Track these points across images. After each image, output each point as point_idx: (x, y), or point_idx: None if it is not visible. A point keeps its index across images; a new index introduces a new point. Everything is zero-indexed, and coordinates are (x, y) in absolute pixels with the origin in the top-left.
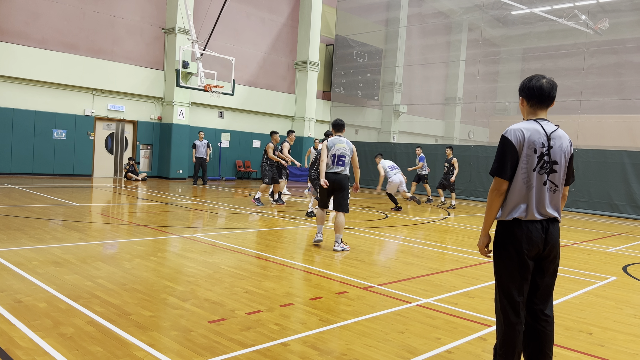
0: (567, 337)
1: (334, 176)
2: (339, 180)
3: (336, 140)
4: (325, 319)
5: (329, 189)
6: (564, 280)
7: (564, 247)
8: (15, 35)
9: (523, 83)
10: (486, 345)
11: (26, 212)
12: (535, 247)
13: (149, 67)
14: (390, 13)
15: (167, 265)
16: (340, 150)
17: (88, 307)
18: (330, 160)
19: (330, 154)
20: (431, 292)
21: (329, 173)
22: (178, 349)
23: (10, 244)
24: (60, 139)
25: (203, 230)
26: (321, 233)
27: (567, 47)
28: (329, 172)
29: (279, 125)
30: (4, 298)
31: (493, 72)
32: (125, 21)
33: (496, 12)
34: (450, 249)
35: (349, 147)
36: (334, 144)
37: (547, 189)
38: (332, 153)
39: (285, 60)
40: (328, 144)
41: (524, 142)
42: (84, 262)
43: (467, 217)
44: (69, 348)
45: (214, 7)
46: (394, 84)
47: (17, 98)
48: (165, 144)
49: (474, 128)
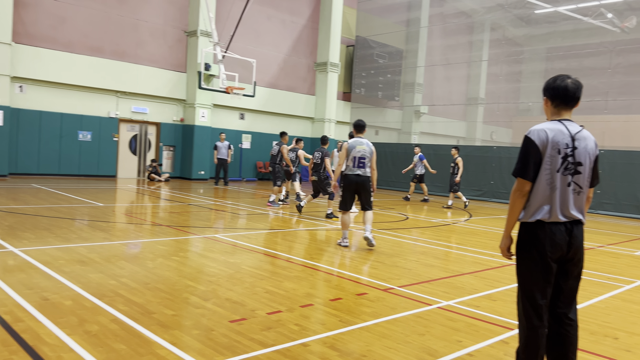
0: (592, 342)
1: (356, 178)
2: (361, 182)
3: (357, 142)
4: (345, 320)
5: (352, 191)
6: (589, 283)
7: (589, 250)
8: (42, 39)
9: (547, 83)
10: (508, 349)
11: (53, 212)
12: (559, 250)
13: (172, 69)
14: (411, 13)
15: (189, 264)
16: (360, 152)
17: (112, 305)
18: (352, 162)
19: (351, 157)
20: (452, 295)
21: (350, 175)
22: (199, 348)
23: (38, 243)
24: (85, 141)
25: (224, 230)
26: (347, 238)
27: (592, 46)
28: (350, 175)
29: (299, 126)
30: (32, 296)
31: (516, 72)
32: (149, 24)
33: (519, 11)
34: (472, 251)
35: (370, 148)
36: (354, 146)
37: (571, 191)
38: (353, 155)
39: (306, 61)
40: (348, 146)
41: (547, 143)
42: (109, 261)
43: (488, 219)
44: (93, 345)
45: (235, 10)
46: (415, 85)
47: (44, 100)
48: (188, 146)
49: (497, 129)
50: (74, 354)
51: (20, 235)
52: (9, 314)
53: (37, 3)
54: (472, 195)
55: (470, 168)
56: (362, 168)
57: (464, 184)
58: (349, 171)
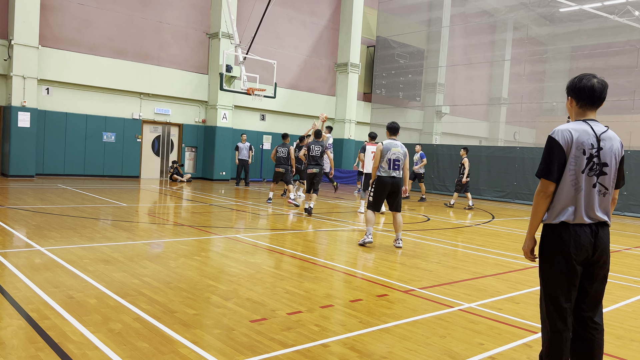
0: (618, 346)
1: (391, 180)
2: (396, 183)
3: (391, 144)
4: (365, 322)
5: (385, 193)
6: (615, 287)
7: (615, 253)
8: (68, 42)
9: (572, 83)
10: (531, 353)
11: (78, 211)
12: (583, 252)
13: (194, 71)
14: (433, 13)
15: (211, 264)
16: (395, 154)
17: (135, 304)
18: (387, 164)
19: (386, 159)
20: (474, 297)
21: (386, 177)
22: (220, 347)
23: (63, 242)
24: (109, 142)
25: (245, 230)
26: (372, 234)
27: (618, 44)
28: (386, 177)
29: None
30: (58, 294)
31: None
32: (171, 27)
33: (543, 9)
34: (494, 252)
35: (403, 151)
36: (389, 148)
37: (597, 192)
38: (388, 157)
39: (326, 62)
40: (383, 148)
41: (572, 143)
42: (132, 260)
43: (511, 221)
44: (117, 343)
45: (256, 12)
46: (437, 85)
47: (70, 102)
48: (209, 147)
49: (520, 129)
50: (98, 352)
51: (46, 235)
52: (36, 312)
53: (62, 7)
54: (495, 197)
55: (493, 169)
56: (397, 170)
57: (487, 185)
58: (383, 173)
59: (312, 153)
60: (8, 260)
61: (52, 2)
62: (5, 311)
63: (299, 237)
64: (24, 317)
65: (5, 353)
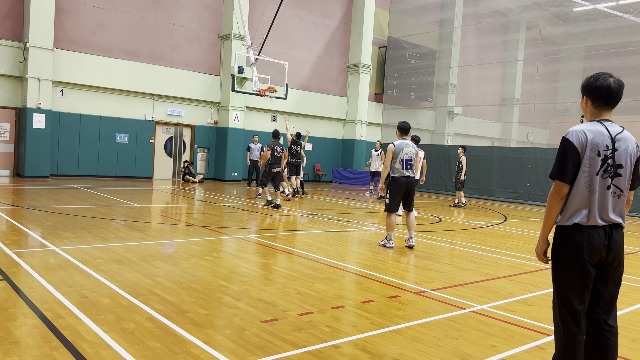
0: (633, 350)
1: (405, 179)
2: (410, 183)
3: (403, 144)
4: (376, 323)
5: (401, 193)
6: (630, 289)
7: (629, 255)
8: (82, 44)
9: (588, 82)
10: (544, 355)
11: (91, 212)
12: (597, 254)
13: (206, 72)
14: (445, 13)
15: (222, 265)
16: (408, 154)
17: (148, 304)
18: (400, 165)
19: (399, 159)
20: (486, 299)
21: (401, 178)
22: (232, 347)
23: (77, 242)
24: (122, 143)
25: (257, 231)
26: (392, 240)
27: (634, 43)
28: (401, 177)
29: (331, 128)
30: (72, 293)
31: (553, 72)
32: (184, 29)
33: (556, 9)
34: (507, 254)
35: (415, 150)
36: (401, 148)
37: (611, 194)
38: (401, 158)
39: (338, 63)
40: (395, 148)
41: (586, 145)
42: (144, 260)
43: (524, 222)
44: (130, 343)
45: (268, 13)
46: (449, 85)
47: (84, 104)
48: (221, 148)
49: (533, 130)
50: (111, 351)
51: (61, 235)
52: (50, 311)
53: (77, 10)
54: (508, 198)
55: (505, 170)
56: (410, 169)
57: (499, 186)
58: (398, 174)
59: (276, 154)
60: (23, 259)
61: (66, 4)
62: (20, 310)
63: (309, 238)
64: (39, 316)
65: (20, 352)
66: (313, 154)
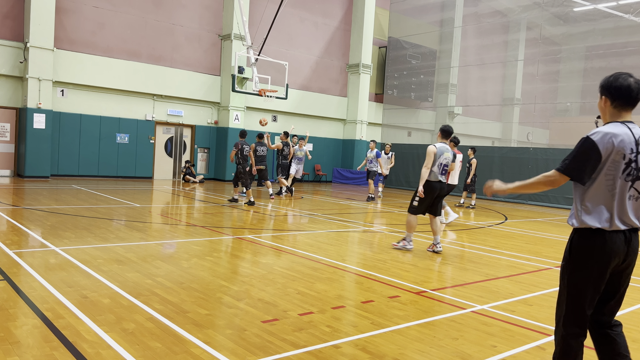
0: (634, 350)
1: (439, 185)
2: (442, 188)
3: (444, 148)
4: (377, 323)
5: (432, 197)
6: (630, 289)
7: None
8: (82, 44)
9: (608, 81)
10: (545, 355)
11: (92, 212)
12: (616, 259)
13: (206, 72)
14: (445, 13)
15: (223, 265)
16: (446, 159)
17: (148, 304)
18: (438, 169)
19: (438, 163)
20: (487, 299)
21: (434, 182)
22: (232, 347)
23: (78, 242)
24: (123, 143)
25: (257, 231)
26: (412, 241)
27: (634, 44)
28: (434, 182)
29: (331, 128)
30: (72, 293)
31: (553, 72)
32: (184, 29)
33: (557, 9)
34: (507, 254)
35: (452, 155)
36: (442, 152)
37: (630, 197)
38: (440, 162)
39: (338, 63)
40: (437, 151)
41: (612, 150)
42: (145, 260)
43: (525, 222)
44: (130, 343)
45: (268, 13)
46: (449, 85)
47: (84, 104)
48: (222, 148)
49: (533, 130)
50: (111, 351)
51: (61, 235)
52: (51, 311)
53: (77, 10)
54: (508, 198)
55: (506, 170)
56: (444, 175)
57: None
58: (433, 177)
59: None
60: (23, 259)
61: (67, 4)
62: (21, 310)
63: (310, 238)
64: (39, 316)
65: (21, 352)
66: (313, 154)
